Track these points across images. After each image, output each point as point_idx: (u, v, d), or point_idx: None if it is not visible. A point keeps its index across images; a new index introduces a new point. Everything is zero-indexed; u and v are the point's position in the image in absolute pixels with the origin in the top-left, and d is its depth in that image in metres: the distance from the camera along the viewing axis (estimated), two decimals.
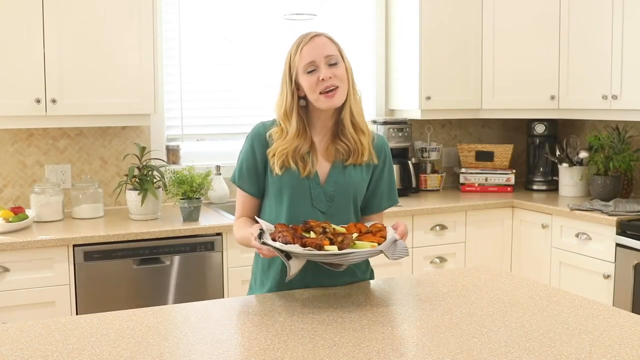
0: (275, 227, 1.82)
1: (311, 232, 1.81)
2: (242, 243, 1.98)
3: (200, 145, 3.86)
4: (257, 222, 2.03)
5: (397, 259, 1.77)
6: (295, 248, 1.68)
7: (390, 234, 1.80)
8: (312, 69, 1.90)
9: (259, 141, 1.98)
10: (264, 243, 1.73)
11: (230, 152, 3.74)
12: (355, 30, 4.14)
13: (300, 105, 1.96)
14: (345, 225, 1.90)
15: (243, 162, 2.00)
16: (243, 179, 2.01)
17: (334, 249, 1.71)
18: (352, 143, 1.96)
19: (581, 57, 3.67)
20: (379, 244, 1.76)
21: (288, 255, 1.71)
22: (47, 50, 3.05)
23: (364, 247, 1.74)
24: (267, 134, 1.98)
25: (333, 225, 1.85)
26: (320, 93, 1.90)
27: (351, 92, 1.95)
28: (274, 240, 1.73)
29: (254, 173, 1.99)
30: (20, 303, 2.81)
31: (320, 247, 1.70)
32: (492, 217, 3.74)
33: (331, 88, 1.89)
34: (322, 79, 1.88)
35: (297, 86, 1.94)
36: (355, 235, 1.81)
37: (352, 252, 1.70)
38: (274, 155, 1.94)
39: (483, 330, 1.57)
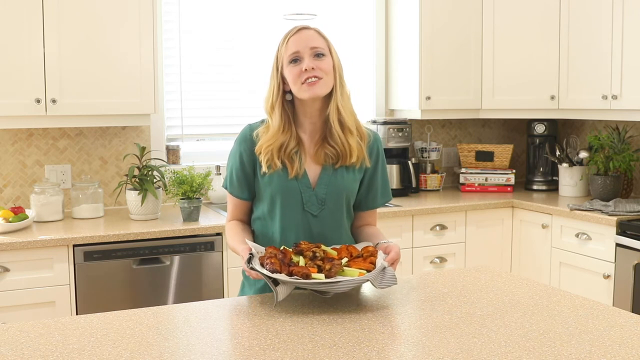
0: (265, 250, 1.81)
1: (302, 256, 1.80)
2: (232, 251, 2.00)
3: (200, 145, 3.87)
4: (249, 226, 2.05)
5: (384, 288, 1.76)
6: (281, 277, 1.68)
7: (380, 260, 1.77)
8: (296, 59, 1.88)
9: (245, 144, 1.97)
10: (252, 268, 1.74)
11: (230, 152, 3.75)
12: (355, 30, 4.14)
13: (287, 99, 1.93)
14: (338, 247, 1.88)
15: (232, 169, 2.00)
16: (233, 185, 2.00)
17: (321, 277, 1.69)
18: (339, 145, 1.93)
19: (581, 57, 3.67)
20: (368, 270, 1.75)
21: (276, 281, 1.71)
22: (47, 50, 3.05)
23: (352, 274, 1.73)
24: (254, 133, 1.96)
25: (324, 248, 1.84)
26: (302, 83, 1.87)
27: (338, 88, 1.91)
28: (262, 265, 1.74)
29: (244, 178, 1.98)
30: (20, 303, 2.81)
31: (307, 276, 1.69)
32: (492, 217, 3.74)
33: (313, 78, 1.86)
34: (305, 69, 1.85)
35: (283, 79, 1.92)
36: (345, 260, 1.79)
37: (339, 282, 1.69)
38: (260, 152, 1.92)
39: (483, 330, 1.57)
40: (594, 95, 3.57)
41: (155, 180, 3.23)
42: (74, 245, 2.88)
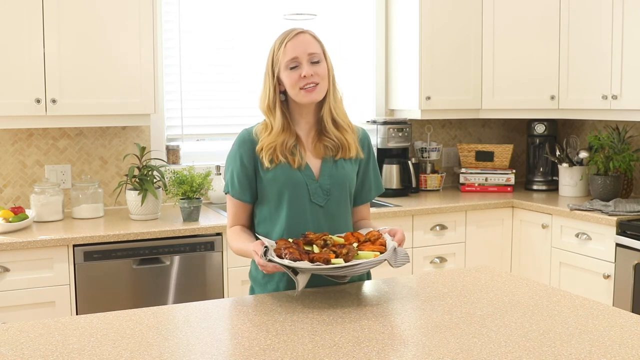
0: (277, 243, 1.83)
1: (313, 245, 1.83)
2: (239, 254, 1.99)
3: (200, 145, 3.87)
4: (250, 230, 2.06)
5: (399, 266, 1.81)
6: (304, 264, 1.71)
7: (389, 241, 1.84)
8: (294, 65, 1.92)
9: (245, 145, 1.99)
10: (270, 260, 1.74)
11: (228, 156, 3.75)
12: (355, 30, 4.14)
13: (281, 100, 1.98)
14: (343, 235, 1.93)
15: (234, 172, 2.01)
16: (235, 188, 2.01)
17: (340, 262, 1.73)
18: (336, 140, 1.99)
19: (581, 57, 3.67)
20: (380, 252, 1.80)
21: (295, 271, 1.73)
22: (47, 50, 3.05)
23: (368, 257, 1.78)
24: (253, 132, 2.00)
25: (331, 236, 1.88)
26: (300, 88, 1.92)
27: (331, 90, 1.98)
28: (279, 256, 1.75)
29: (245, 180, 1.99)
30: (20, 303, 2.81)
31: (328, 261, 1.73)
32: (492, 217, 3.74)
33: (311, 84, 1.92)
34: (304, 76, 1.91)
35: (279, 81, 1.96)
36: (355, 245, 1.84)
37: (359, 264, 1.73)
38: (262, 149, 1.95)
39: (483, 330, 1.57)
40: (594, 95, 3.57)
41: (155, 180, 3.23)
42: (74, 245, 2.88)
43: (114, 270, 2.94)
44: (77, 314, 2.82)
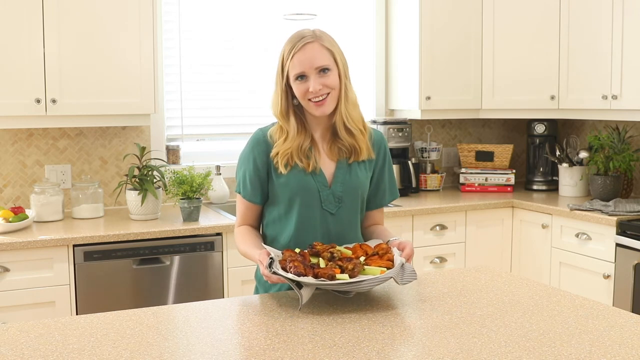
0: (283, 254, 1.81)
1: (319, 257, 1.82)
2: (244, 256, 1.99)
3: (200, 145, 3.87)
4: (258, 231, 2.06)
5: (406, 284, 1.80)
6: (308, 279, 1.69)
7: (397, 257, 1.81)
8: (302, 77, 1.90)
9: (259, 147, 1.98)
10: (274, 273, 1.73)
11: (230, 152, 3.75)
12: (355, 30, 4.14)
13: (295, 104, 1.97)
14: (351, 247, 1.91)
15: (246, 173, 2.00)
16: (247, 189, 2.00)
17: (345, 277, 1.71)
18: (349, 145, 1.98)
19: (581, 57, 3.67)
20: (387, 268, 1.78)
21: (299, 284, 1.72)
22: (47, 50, 3.05)
23: (374, 273, 1.76)
24: (268, 134, 1.98)
25: (338, 248, 1.86)
26: (310, 100, 1.90)
27: (343, 98, 1.94)
28: (284, 268, 1.74)
29: (257, 182, 1.98)
30: (20, 303, 2.81)
31: (333, 277, 1.70)
32: (492, 217, 3.74)
33: (320, 97, 1.90)
34: (311, 91, 1.88)
35: (290, 87, 1.95)
36: (362, 258, 1.82)
37: (364, 280, 1.71)
38: (277, 155, 1.94)
39: (483, 330, 1.57)
40: (594, 95, 3.57)
41: (155, 180, 3.23)
42: (74, 245, 2.88)
43: (114, 270, 2.94)
44: (77, 314, 2.82)
